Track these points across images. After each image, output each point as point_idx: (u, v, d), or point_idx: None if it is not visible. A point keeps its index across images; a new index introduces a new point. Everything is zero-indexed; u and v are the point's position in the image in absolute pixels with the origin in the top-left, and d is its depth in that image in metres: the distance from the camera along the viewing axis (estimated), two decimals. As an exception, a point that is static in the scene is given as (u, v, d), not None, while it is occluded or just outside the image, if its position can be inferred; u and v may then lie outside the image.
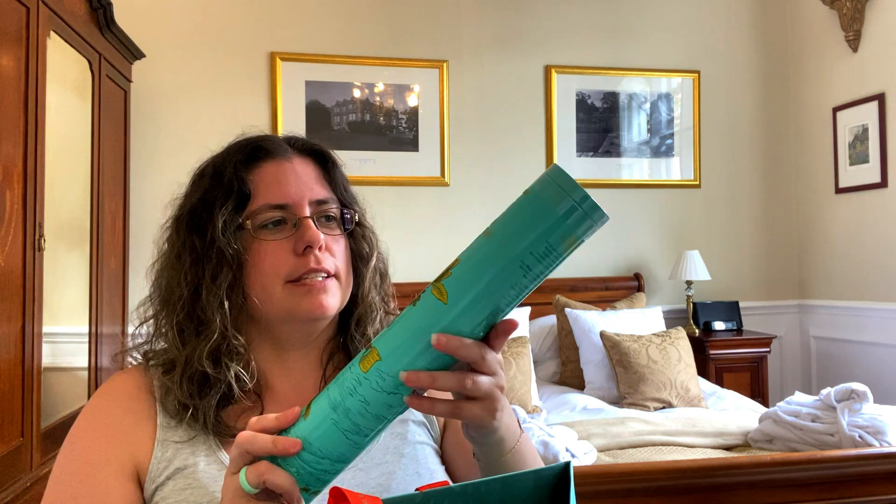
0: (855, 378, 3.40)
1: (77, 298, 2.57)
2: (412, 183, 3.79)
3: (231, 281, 0.79)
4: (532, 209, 0.58)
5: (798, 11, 4.20)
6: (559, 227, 0.57)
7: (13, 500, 1.87)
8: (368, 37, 3.78)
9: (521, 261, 0.58)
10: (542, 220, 0.57)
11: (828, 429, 2.17)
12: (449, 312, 0.59)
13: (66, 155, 2.43)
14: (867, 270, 3.73)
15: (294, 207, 0.81)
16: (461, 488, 0.60)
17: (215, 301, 0.79)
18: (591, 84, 4.03)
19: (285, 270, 0.79)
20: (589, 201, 0.57)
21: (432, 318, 0.59)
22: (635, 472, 1.63)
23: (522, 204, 0.58)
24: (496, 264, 0.58)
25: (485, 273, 0.58)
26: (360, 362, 0.61)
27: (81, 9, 2.52)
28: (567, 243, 0.59)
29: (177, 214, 0.84)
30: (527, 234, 0.57)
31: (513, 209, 0.59)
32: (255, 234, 0.80)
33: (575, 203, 0.57)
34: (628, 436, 2.42)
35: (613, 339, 3.20)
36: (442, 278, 0.60)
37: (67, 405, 2.41)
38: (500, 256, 0.58)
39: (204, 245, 0.80)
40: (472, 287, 0.58)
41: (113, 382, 0.82)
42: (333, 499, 0.59)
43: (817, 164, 4.08)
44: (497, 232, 0.59)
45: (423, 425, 0.88)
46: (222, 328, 0.79)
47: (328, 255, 0.81)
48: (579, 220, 0.57)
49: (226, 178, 0.82)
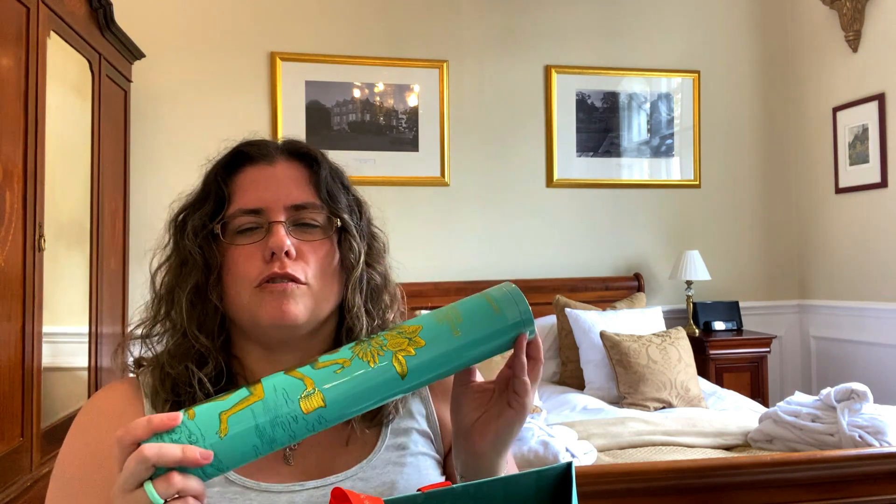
0: (855, 378, 3.39)
1: (77, 298, 2.57)
2: (412, 183, 3.79)
3: (199, 283, 0.80)
4: (497, 327, 0.70)
5: (798, 11, 4.20)
6: (508, 343, 0.71)
7: (13, 500, 1.87)
8: (368, 37, 3.78)
9: (473, 361, 0.70)
10: (499, 336, 0.70)
11: (828, 429, 2.17)
12: (402, 385, 0.66)
13: (66, 155, 2.43)
14: (867, 270, 3.73)
15: (267, 212, 0.80)
16: (463, 488, 0.60)
17: (179, 303, 0.80)
18: (591, 84, 4.03)
19: (253, 275, 0.78)
20: (529, 317, 0.71)
21: (387, 388, 0.66)
22: (635, 472, 1.63)
23: (489, 315, 0.70)
24: (454, 362, 0.69)
25: (443, 366, 0.68)
26: (301, 400, 0.61)
27: (81, 9, 2.52)
28: (505, 350, 0.72)
29: (169, 217, 0.86)
30: (485, 345, 0.69)
31: (479, 316, 0.70)
32: (228, 240, 0.80)
33: (523, 320, 0.71)
34: (628, 436, 2.42)
35: (613, 339, 3.19)
36: (404, 348, 0.66)
37: (67, 405, 2.41)
38: (459, 357, 0.68)
39: (180, 248, 0.82)
40: (429, 372, 0.67)
41: (96, 400, 0.82)
42: (335, 499, 0.59)
43: (817, 164, 4.08)
44: (463, 335, 0.68)
45: (428, 437, 0.87)
46: (183, 330, 0.80)
47: (299, 263, 0.79)
48: (521, 330, 0.72)
49: (208, 182, 0.83)
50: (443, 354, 0.67)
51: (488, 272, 3.83)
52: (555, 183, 3.96)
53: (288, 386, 0.62)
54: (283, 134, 3.60)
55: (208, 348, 0.80)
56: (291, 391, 0.62)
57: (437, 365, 0.67)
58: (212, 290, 0.80)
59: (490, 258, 3.87)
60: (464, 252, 3.84)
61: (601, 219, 4.02)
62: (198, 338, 0.80)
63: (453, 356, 0.68)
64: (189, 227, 0.81)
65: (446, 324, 0.68)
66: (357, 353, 0.66)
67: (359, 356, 0.65)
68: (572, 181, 3.99)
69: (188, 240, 0.81)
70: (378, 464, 0.81)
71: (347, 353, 0.66)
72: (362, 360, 0.65)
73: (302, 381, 0.63)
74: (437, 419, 0.89)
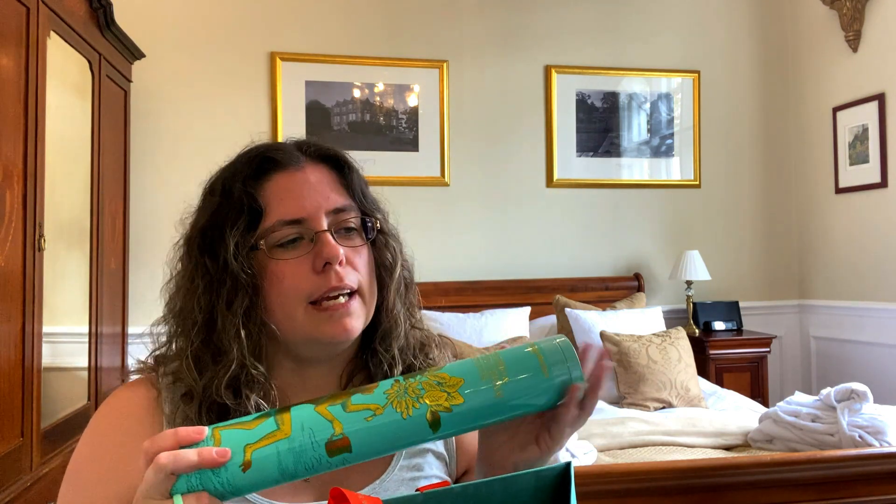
0: (855, 378, 3.39)
1: (77, 298, 2.57)
2: (412, 183, 3.79)
3: (248, 306, 0.75)
4: (541, 389, 0.66)
5: (798, 11, 4.20)
6: (548, 403, 0.67)
7: (13, 500, 1.87)
8: (368, 37, 3.78)
9: (510, 419, 0.67)
10: (541, 396, 0.66)
11: (828, 429, 2.17)
12: (431, 437, 0.64)
13: (66, 155, 2.43)
14: (867, 270, 3.73)
15: (310, 221, 0.76)
16: (462, 489, 0.60)
17: (232, 330, 0.74)
18: (591, 84, 4.03)
19: (306, 291, 0.74)
20: (579, 373, 0.67)
21: (415, 437, 0.63)
22: (635, 472, 1.63)
23: (536, 376, 0.66)
24: (489, 419, 0.66)
25: (477, 422, 0.65)
26: (328, 443, 0.61)
27: (81, 9, 2.52)
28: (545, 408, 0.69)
29: (188, 234, 0.80)
30: (526, 407, 0.66)
31: (526, 376, 0.65)
32: (271, 254, 0.76)
33: (571, 377, 0.67)
34: (628, 436, 2.42)
35: (613, 339, 3.20)
36: (441, 403, 0.63)
37: (67, 405, 2.41)
38: (496, 415, 0.66)
39: (217, 268, 0.76)
40: (461, 426, 0.65)
41: (116, 401, 0.79)
42: (333, 499, 0.59)
43: (817, 164, 4.08)
44: (506, 396, 0.65)
45: (443, 459, 0.85)
46: (241, 358, 0.74)
47: (350, 270, 0.76)
48: (562, 390, 0.67)
49: (235, 194, 0.77)
50: (480, 413, 0.65)
51: (488, 272, 3.83)
52: (555, 183, 3.96)
53: (316, 426, 0.61)
54: (283, 134, 3.61)
55: (264, 374, 0.76)
56: (319, 432, 0.61)
57: (471, 420, 0.65)
58: (262, 312, 0.75)
59: (490, 258, 3.87)
60: (464, 252, 3.84)
61: (601, 219, 4.02)
62: (257, 367, 0.75)
63: (490, 414, 0.65)
64: (231, 244, 0.75)
65: (489, 382, 0.65)
66: (391, 401, 0.63)
67: (392, 405, 0.63)
68: (572, 181, 3.99)
69: (232, 259, 0.74)
70: (391, 485, 0.79)
71: (382, 399, 0.63)
72: (396, 410, 0.62)
73: (331, 423, 0.62)
74: (454, 442, 0.87)
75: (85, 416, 2.47)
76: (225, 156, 0.86)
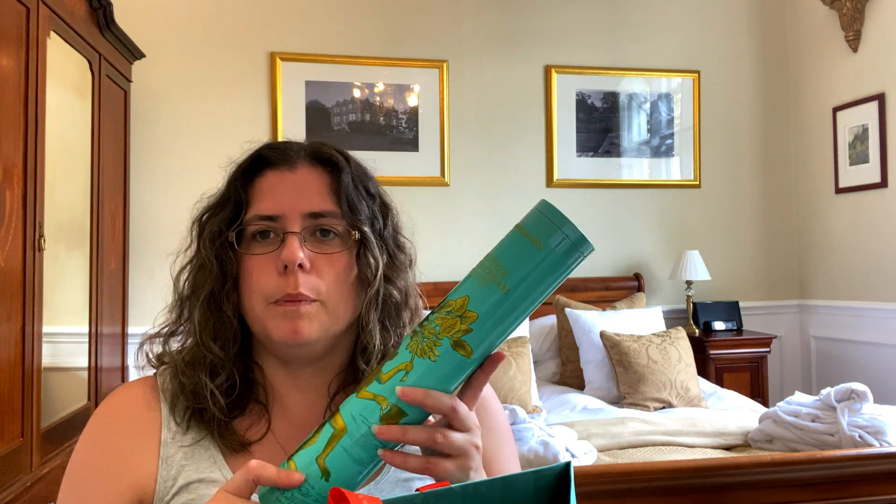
0: (855, 378, 3.39)
1: (77, 298, 2.57)
2: (412, 183, 3.78)
3: (214, 291, 0.78)
4: (546, 264, 0.62)
5: (798, 11, 4.20)
6: (564, 273, 0.63)
7: (13, 500, 1.87)
8: (368, 37, 3.78)
9: (535, 303, 0.64)
10: (554, 272, 0.62)
11: (828, 429, 2.17)
12: (473, 363, 0.64)
13: (66, 155, 2.43)
14: (867, 270, 3.73)
15: (284, 220, 0.76)
16: (461, 489, 0.60)
17: (196, 310, 0.79)
18: (591, 84, 4.03)
19: (267, 290, 0.75)
20: (578, 235, 0.62)
21: (458, 372, 0.63)
22: (635, 472, 1.63)
23: (531, 253, 0.62)
24: (514, 317, 0.63)
25: (504, 327, 0.63)
26: (382, 420, 0.62)
27: (81, 9, 2.52)
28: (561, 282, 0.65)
29: (193, 217, 0.84)
30: (541, 286, 0.63)
31: (522, 258, 0.62)
32: (243, 248, 0.78)
33: (572, 242, 0.62)
34: (628, 436, 2.42)
35: (613, 339, 3.20)
36: (458, 327, 0.62)
37: (67, 405, 2.41)
38: (518, 308, 0.63)
39: (198, 252, 0.80)
40: (493, 339, 0.63)
41: (114, 401, 0.80)
42: (333, 499, 0.59)
43: (817, 164, 4.08)
44: (513, 288, 0.62)
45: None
46: (197, 339, 0.78)
47: (313, 277, 0.75)
48: (575, 259, 0.63)
49: (228, 186, 0.81)
50: (500, 317, 0.63)
51: (488, 272, 3.82)
52: (555, 183, 3.96)
53: (365, 411, 0.62)
54: (283, 135, 3.61)
55: (221, 359, 0.78)
56: (370, 415, 0.62)
57: (496, 325, 0.63)
58: (227, 299, 0.78)
59: (490, 258, 3.87)
60: (464, 252, 3.84)
61: (601, 219, 4.02)
62: (211, 348, 0.78)
63: (511, 312, 0.63)
64: (206, 231, 0.79)
65: (491, 284, 0.63)
66: (415, 352, 0.63)
67: (418, 355, 0.63)
68: (572, 181, 3.99)
69: (205, 245, 0.79)
70: (386, 486, 0.79)
71: (406, 356, 0.63)
72: (423, 359, 0.63)
73: (375, 400, 0.63)
74: None
75: (85, 416, 2.47)
76: (225, 155, 0.87)
